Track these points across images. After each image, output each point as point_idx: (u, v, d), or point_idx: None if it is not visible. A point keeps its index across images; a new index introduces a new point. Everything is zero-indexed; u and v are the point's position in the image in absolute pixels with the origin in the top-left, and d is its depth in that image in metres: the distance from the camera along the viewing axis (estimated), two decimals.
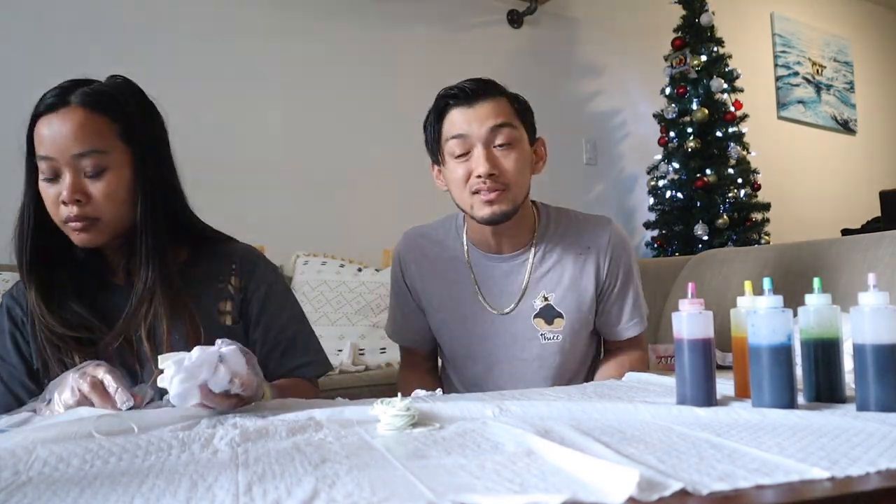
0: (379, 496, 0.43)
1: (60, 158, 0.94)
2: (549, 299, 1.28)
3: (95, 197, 0.95)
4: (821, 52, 4.82)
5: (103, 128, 0.96)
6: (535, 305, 1.28)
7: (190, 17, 2.60)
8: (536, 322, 1.28)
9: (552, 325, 1.28)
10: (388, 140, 2.97)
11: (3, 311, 1.03)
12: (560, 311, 1.28)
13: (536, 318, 1.28)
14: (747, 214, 3.32)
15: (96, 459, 0.56)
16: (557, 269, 1.29)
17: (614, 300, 1.31)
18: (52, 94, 0.97)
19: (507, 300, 1.29)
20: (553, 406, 0.75)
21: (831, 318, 0.77)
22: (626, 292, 1.32)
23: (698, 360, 0.75)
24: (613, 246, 1.30)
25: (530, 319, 1.28)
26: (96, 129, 0.95)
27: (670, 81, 3.41)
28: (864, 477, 0.46)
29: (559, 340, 1.28)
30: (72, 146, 0.93)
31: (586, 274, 1.29)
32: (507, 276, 1.30)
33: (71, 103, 0.95)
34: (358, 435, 0.65)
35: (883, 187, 3.49)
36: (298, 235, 2.59)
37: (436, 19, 3.12)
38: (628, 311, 1.32)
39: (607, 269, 1.29)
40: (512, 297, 1.29)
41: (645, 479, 0.43)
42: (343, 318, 2.26)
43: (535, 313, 1.28)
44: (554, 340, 1.28)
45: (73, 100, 0.95)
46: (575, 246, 1.29)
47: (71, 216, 0.94)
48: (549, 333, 1.28)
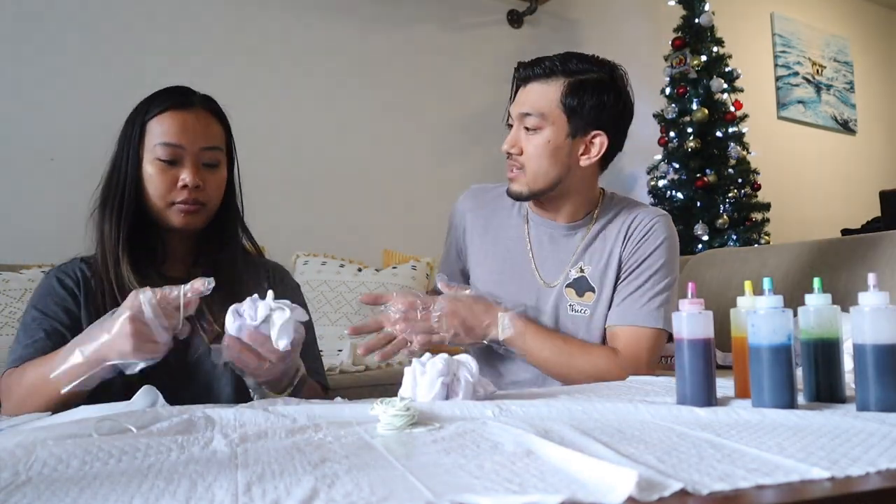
0: (378, 496, 0.43)
1: (189, 147, 1.07)
2: (585, 272, 1.27)
3: (210, 185, 1.10)
4: (821, 52, 4.82)
5: (219, 130, 1.13)
6: (571, 275, 1.28)
7: (189, 18, 2.61)
8: (567, 291, 1.27)
9: (582, 298, 1.26)
10: (389, 140, 2.98)
11: (52, 280, 1.09)
12: (593, 286, 1.26)
13: (568, 288, 1.27)
14: (747, 214, 3.32)
15: (95, 460, 0.56)
16: (600, 245, 1.28)
17: (626, 283, 1.25)
18: (176, 93, 1.11)
19: (554, 270, 1.29)
20: (553, 406, 0.75)
21: (831, 318, 0.77)
22: (643, 281, 1.24)
23: (698, 360, 0.75)
24: (648, 231, 1.26)
25: (563, 287, 1.27)
26: (216, 130, 1.12)
27: (670, 81, 3.41)
28: (864, 477, 0.46)
29: (586, 315, 1.26)
30: (200, 140, 1.08)
31: (616, 251, 1.27)
32: (556, 243, 1.31)
33: (195, 104, 1.10)
34: (357, 435, 0.65)
35: (883, 187, 3.49)
36: (298, 235, 2.59)
37: (436, 19, 3.12)
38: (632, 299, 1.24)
39: (631, 249, 1.26)
40: (560, 267, 1.29)
41: (645, 479, 0.43)
42: (343, 318, 2.26)
43: (568, 283, 1.27)
44: (581, 314, 1.26)
45: (196, 101, 1.11)
46: (621, 226, 1.28)
47: (188, 199, 1.07)
48: (578, 306, 1.26)
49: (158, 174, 1.07)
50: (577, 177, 1.26)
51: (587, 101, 1.22)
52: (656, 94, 3.51)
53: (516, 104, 1.26)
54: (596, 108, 1.22)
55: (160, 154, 1.06)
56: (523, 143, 1.24)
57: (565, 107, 1.22)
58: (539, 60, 1.24)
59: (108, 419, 0.71)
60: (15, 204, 2.22)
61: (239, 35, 2.69)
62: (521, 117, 1.24)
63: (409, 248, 2.66)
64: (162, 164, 1.06)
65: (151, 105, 1.09)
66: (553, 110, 1.22)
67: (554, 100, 1.22)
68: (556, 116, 1.22)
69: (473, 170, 3.02)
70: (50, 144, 2.28)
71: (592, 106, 1.22)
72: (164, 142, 1.06)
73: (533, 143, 1.23)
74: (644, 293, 1.24)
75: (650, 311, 1.23)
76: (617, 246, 1.27)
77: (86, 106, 2.33)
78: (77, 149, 2.19)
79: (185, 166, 1.07)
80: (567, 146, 1.24)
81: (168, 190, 1.07)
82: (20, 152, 2.24)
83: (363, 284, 2.33)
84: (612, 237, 1.28)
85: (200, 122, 1.09)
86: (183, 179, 1.06)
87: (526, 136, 1.24)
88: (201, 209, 1.09)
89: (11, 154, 2.23)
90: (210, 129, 1.10)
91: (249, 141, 2.63)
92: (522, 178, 1.25)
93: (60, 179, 2.25)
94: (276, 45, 2.77)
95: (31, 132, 2.27)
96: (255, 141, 2.65)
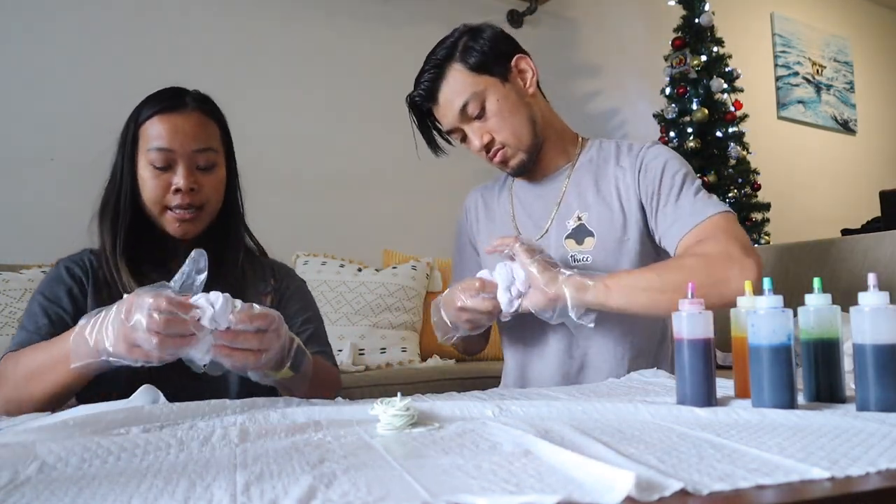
0: (375, 496, 0.43)
1: (180, 151, 1.05)
2: (583, 219, 1.25)
3: (205, 187, 1.08)
4: (821, 52, 4.82)
5: (214, 130, 1.10)
6: (568, 226, 1.26)
7: (191, 17, 2.61)
8: (567, 243, 1.25)
9: (582, 246, 1.24)
10: (389, 140, 2.97)
11: (60, 269, 1.09)
12: (591, 230, 1.24)
13: (567, 239, 1.25)
14: (747, 214, 3.32)
15: (95, 458, 0.56)
16: (592, 188, 1.26)
17: (657, 206, 1.19)
18: (166, 96, 1.08)
19: (539, 222, 1.29)
20: (553, 406, 0.75)
21: (831, 318, 0.76)
22: (670, 194, 1.17)
23: (698, 360, 0.75)
24: (646, 153, 1.23)
25: (562, 240, 1.25)
26: (211, 131, 1.10)
27: (670, 81, 3.41)
28: (864, 477, 0.46)
29: (588, 262, 1.22)
30: (192, 142, 1.06)
31: (620, 190, 1.23)
32: (540, 198, 1.31)
33: (188, 106, 1.08)
34: (357, 435, 0.65)
35: (883, 187, 3.49)
36: (298, 235, 2.59)
37: (436, 19, 3.11)
38: (674, 208, 1.16)
39: (642, 176, 1.21)
40: (545, 217, 1.28)
41: (645, 479, 0.43)
42: (343, 318, 2.25)
43: (567, 234, 1.25)
44: (583, 262, 1.23)
45: (189, 102, 1.08)
46: (613, 166, 1.26)
47: (183, 203, 1.05)
48: (579, 254, 1.23)
49: (152, 179, 1.06)
50: (538, 111, 1.26)
51: (482, 50, 1.22)
52: (656, 94, 3.50)
53: (445, 115, 1.24)
54: (489, 45, 1.23)
55: (152, 159, 1.05)
56: (487, 127, 1.22)
57: (478, 69, 1.21)
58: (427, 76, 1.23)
59: (109, 417, 0.71)
60: (15, 204, 2.22)
61: (239, 34, 2.69)
62: (461, 115, 1.22)
63: (409, 248, 2.66)
64: (155, 170, 1.05)
65: (143, 109, 1.08)
66: (476, 80, 1.21)
67: (467, 75, 1.21)
68: (482, 82, 1.21)
69: (473, 170, 3.00)
70: (50, 144, 2.28)
71: (487, 49, 1.22)
72: (155, 146, 1.05)
73: (492, 118, 1.22)
74: (692, 194, 1.17)
75: (714, 199, 1.16)
76: (621, 185, 1.23)
77: (86, 106, 2.33)
78: (77, 149, 2.19)
79: (177, 170, 1.05)
80: (512, 91, 1.23)
81: (162, 195, 1.06)
82: (20, 152, 2.24)
83: (363, 284, 2.33)
84: (604, 180, 1.25)
85: (192, 123, 1.07)
86: (176, 183, 1.05)
87: (482, 122, 1.22)
88: (198, 214, 1.08)
89: (11, 154, 2.23)
90: (203, 130, 1.08)
91: (250, 141, 2.63)
92: (510, 150, 1.24)
93: (60, 179, 2.25)
94: (275, 46, 2.77)
95: (31, 132, 2.27)
96: (256, 141, 2.65)
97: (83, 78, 2.36)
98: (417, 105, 1.28)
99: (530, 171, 1.30)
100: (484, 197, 1.43)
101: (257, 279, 1.18)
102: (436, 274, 2.51)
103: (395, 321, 2.31)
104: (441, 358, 2.32)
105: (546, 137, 1.28)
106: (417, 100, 1.26)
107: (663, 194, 1.19)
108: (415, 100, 1.27)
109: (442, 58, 1.23)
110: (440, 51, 1.24)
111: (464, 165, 3.15)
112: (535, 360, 1.29)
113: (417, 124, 1.31)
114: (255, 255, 1.22)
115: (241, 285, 1.13)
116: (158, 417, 0.74)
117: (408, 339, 2.32)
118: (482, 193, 1.44)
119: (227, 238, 1.15)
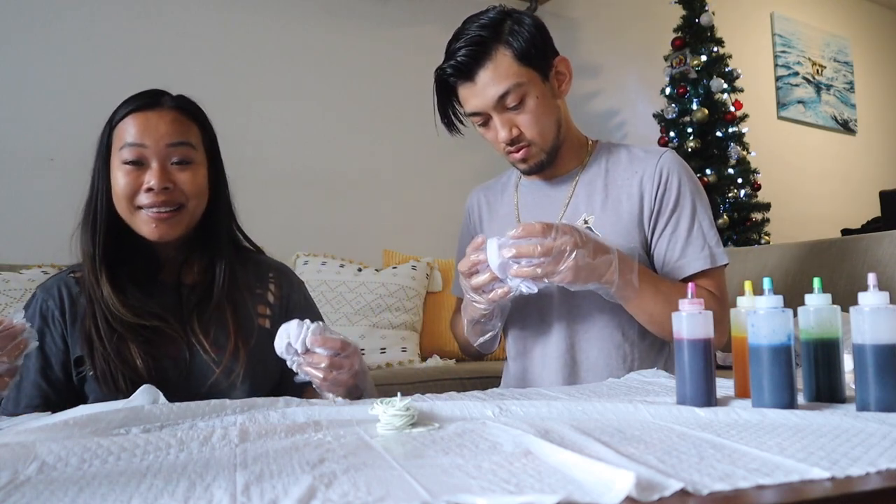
0: (374, 496, 0.43)
1: (152, 146, 1.01)
2: (589, 222, 1.24)
3: (181, 184, 1.03)
4: (821, 52, 4.82)
5: (191, 128, 1.07)
6: None
7: (191, 18, 2.60)
8: None
9: None
10: (389, 140, 2.98)
11: (36, 307, 1.06)
12: (597, 234, 1.21)
13: None
14: (747, 214, 3.32)
15: (95, 459, 0.56)
16: (601, 192, 1.25)
17: (664, 227, 1.21)
18: (143, 96, 1.06)
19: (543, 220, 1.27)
20: (553, 406, 0.75)
21: (831, 318, 0.76)
22: (680, 220, 1.20)
23: (698, 360, 0.75)
24: (662, 169, 1.22)
25: None
26: (188, 127, 1.06)
27: (670, 81, 3.41)
28: (864, 477, 0.46)
29: None
30: (165, 136, 1.02)
31: (630, 197, 1.23)
32: (548, 198, 1.30)
33: (164, 105, 1.05)
34: (357, 435, 0.64)
35: (883, 187, 3.49)
36: (298, 235, 2.59)
37: (436, 19, 3.12)
38: (681, 242, 1.19)
39: (654, 192, 1.21)
40: (552, 218, 1.26)
41: (645, 479, 0.43)
42: (343, 318, 2.25)
43: None
44: None
45: (165, 102, 1.05)
46: (624, 172, 1.25)
47: (156, 202, 1.00)
48: None
49: (123, 177, 1.01)
50: (563, 114, 1.26)
51: (529, 40, 1.16)
52: (656, 94, 3.51)
53: (477, 96, 1.17)
54: (536, 36, 1.17)
55: (125, 156, 1.01)
56: (518, 121, 1.19)
57: (523, 59, 1.16)
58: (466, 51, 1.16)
59: (109, 417, 0.71)
60: (15, 204, 2.22)
61: (240, 35, 2.69)
62: (497, 102, 1.16)
63: (409, 248, 2.66)
64: (127, 167, 1.01)
65: (119, 110, 1.05)
66: (521, 71, 1.16)
67: (513, 63, 1.16)
68: (526, 75, 1.17)
69: (473, 170, 3.01)
70: (50, 144, 2.28)
71: (533, 40, 1.17)
72: (127, 143, 1.01)
73: (527, 114, 1.18)
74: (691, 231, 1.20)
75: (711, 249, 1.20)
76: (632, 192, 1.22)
77: (86, 106, 2.33)
78: (77, 149, 2.17)
79: (150, 167, 1.01)
80: (548, 90, 1.21)
81: (132, 192, 1.01)
82: (20, 152, 2.24)
83: (363, 284, 2.33)
84: (614, 185, 1.24)
85: (167, 120, 1.03)
86: (147, 182, 1.00)
87: (515, 114, 1.18)
88: (175, 215, 1.03)
89: (11, 154, 2.23)
90: (177, 125, 1.04)
91: (250, 141, 2.65)
92: (535, 148, 1.21)
93: (60, 179, 2.24)
94: (276, 46, 2.77)
95: (31, 132, 2.27)
96: (256, 141, 2.65)
97: (83, 78, 2.36)
98: (444, 79, 1.21)
99: (542, 172, 1.30)
100: (486, 196, 1.43)
101: (254, 279, 1.16)
102: (436, 274, 2.51)
103: (395, 321, 2.31)
104: (441, 358, 2.32)
105: (564, 140, 1.28)
106: (451, 73, 1.19)
107: (673, 217, 1.21)
108: (447, 73, 1.19)
109: (488, 37, 1.16)
110: (480, 29, 1.17)
111: (464, 165, 3.16)
112: (535, 360, 1.29)
113: (438, 99, 1.24)
114: (252, 255, 1.20)
115: (232, 288, 1.10)
116: (158, 417, 0.74)
117: (408, 339, 2.32)
118: (484, 192, 1.44)
119: (212, 238, 1.10)
